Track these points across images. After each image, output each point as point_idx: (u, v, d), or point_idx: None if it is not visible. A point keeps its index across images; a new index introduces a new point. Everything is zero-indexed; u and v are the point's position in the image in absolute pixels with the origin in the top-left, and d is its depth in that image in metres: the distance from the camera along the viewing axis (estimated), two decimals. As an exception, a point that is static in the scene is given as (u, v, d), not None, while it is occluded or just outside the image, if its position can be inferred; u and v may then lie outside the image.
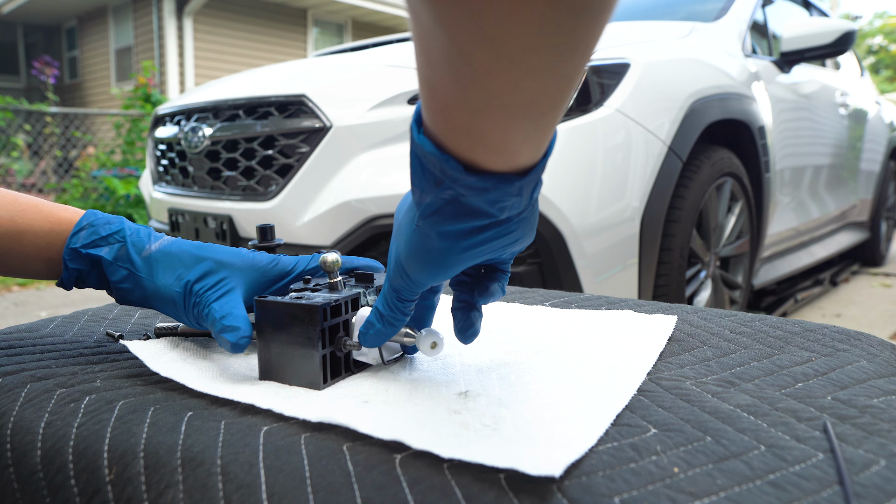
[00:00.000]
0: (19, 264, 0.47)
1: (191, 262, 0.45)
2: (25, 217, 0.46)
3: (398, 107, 1.44)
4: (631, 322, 0.56)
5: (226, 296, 0.44)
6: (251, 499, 0.30)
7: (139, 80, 5.55)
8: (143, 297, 0.46)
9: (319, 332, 0.39)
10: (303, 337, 0.40)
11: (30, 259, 0.47)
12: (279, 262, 0.48)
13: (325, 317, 0.40)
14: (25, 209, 0.47)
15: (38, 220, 0.47)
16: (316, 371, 0.40)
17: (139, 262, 0.46)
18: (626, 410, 0.37)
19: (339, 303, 0.41)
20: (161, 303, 0.46)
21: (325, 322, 0.40)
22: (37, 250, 0.47)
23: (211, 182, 1.68)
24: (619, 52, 1.45)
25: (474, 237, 0.32)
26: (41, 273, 0.48)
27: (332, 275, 0.44)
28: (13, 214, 0.46)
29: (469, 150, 0.29)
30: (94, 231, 0.46)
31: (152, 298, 0.46)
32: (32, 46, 10.96)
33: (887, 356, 0.49)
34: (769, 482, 0.30)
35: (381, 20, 9.65)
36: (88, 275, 0.47)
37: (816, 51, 2.14)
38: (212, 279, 0.45)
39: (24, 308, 2.70)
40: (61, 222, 0.47)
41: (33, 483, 0.36)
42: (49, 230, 0.47)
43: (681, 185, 1.52)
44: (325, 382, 0.40)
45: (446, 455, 0.30)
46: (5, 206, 0.46)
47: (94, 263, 0.47)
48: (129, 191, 4.80)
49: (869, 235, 3.42)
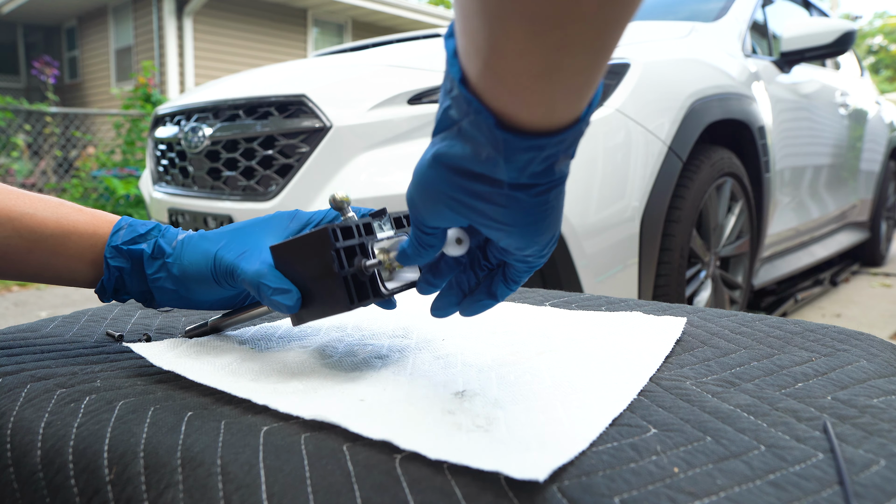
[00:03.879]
0: (63, 267, 0.48)
1: (214, 238, 0.47)
2: (71, 219, 0.48)
3: (398, 107, 1.44)
4: (639, 324, 0.55)
5: (249, 252, 0.45)
6: (251, 499, 0.30)
7: (139, 80, 5.56)
8: (176, 285, 0.47)
9: (333, 252, 0.39)
10: (321, 265, 0.40)
11: (74, 260, 0.48)
12: (296, 216, 0.49)
13: (336, 237, 0.40)
14: (70, 212, 0.48)
15: (82, 222, 0.48)
16: (341, 293, 0.40)
17: (169, 251, 0.47)
18: (626, 410, 0.37)
19: (350, 225, 0.41)
20: (194, 283, 0.47)
21: (338, 243, 0.40)
22: (81, 251, 0.48)
23: (211, 182, 1.68)
24: (619, 52, 1.45)
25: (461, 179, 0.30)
26: (83, 275, 0.49)
27: (344, 211, 0.44)
28: (59, 217, 0.48)
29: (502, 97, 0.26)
30: (133, 229, 0.49)
31: (184, 281, 0.47)
32: (32, 46, 10.96)
33: (887, 356, 0.49)
34: (769, 482, 0.30)
35: (381, 20, 9.65)
36: (129, 275, 0.48)
37: (816, 51, 2.14)
38: (235, 245, 0.46)
39: (24, 308, 2.70)
40: (104, 224, 0.49)
41: (33, 483, 0.36)
42: (93, 232, 0.48)
43: (681, 185, 1.52)
44: (352, 303, 0.40)
45: (433, 456, 0.30)
46: (51, 208, 0.48)
47: (135, 261, 0.48)
48: (128, 191, 4.80)
49: (869, 235, 3.42)
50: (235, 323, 0.52)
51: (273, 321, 0.59)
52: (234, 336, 0.52)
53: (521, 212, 0.30)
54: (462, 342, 0.50)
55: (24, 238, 0.47)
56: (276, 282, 0.42)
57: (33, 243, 0.47)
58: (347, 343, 0.50)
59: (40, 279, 0.49)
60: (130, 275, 0.48)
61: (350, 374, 0.43)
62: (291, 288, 0.42)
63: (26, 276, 0.49)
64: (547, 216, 0.31)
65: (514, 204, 0.30)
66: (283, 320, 0.58)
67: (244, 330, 0.55)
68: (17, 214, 0.46)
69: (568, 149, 0.28)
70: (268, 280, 0.42)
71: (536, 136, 0.27)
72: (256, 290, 0.43)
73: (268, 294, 0.42)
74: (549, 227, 0.32)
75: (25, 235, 0.47)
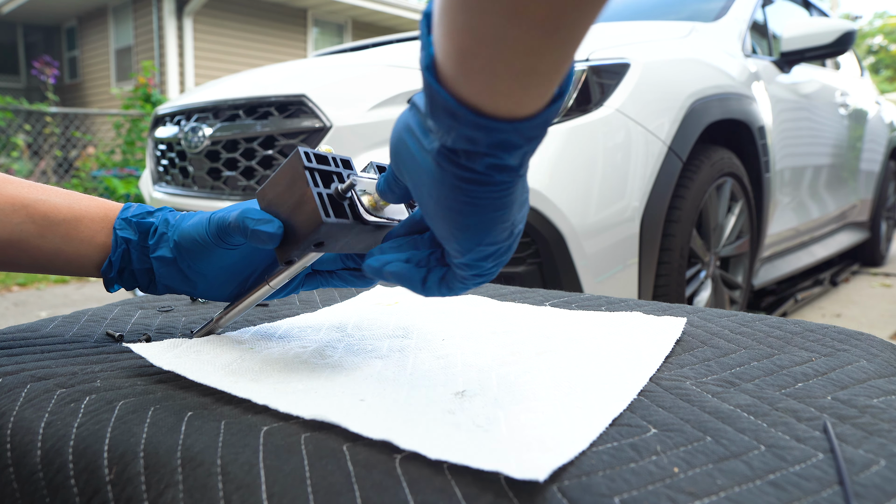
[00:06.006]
0: (74, 252, 0.49)
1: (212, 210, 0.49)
2: (82, 204, 0.50)
3: (398, 107, 1.44)
4: (639, 324, 0.55)
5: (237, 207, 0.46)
6: (251, 499, 0.30)
7: (139, 80, 5.56)
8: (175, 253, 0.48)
9: (306, 170, 0.40)
10: (297, 188, 0.40)
11: (85, 244, 0.49)
12: None
13: (308, 159, 0.40)
14: (81, 198, 0.50)
15: (93, 207, 0.50)
16: (315, 208, 0.39)
17: (172, 221, 0.49)
18: (626, 410, 0.37)
19: (324, 155, 0.42)
20: (192, 247, 0.47)
21: (310, 163, 0.40)
22: (92, 234, 0.49)
23: (211, 182, 1.68)
24: (619, 52, 1.45)
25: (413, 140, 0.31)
26: (93, 259, 0.50)
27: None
28: (71, 202, 0.49)
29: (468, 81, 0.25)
30: (142, 207, 0.51)
31: (183, 247, 0.48)
32: (32, 46, 10.96)
33: (887, 356, 0.49)
34: (769, 482, 0.30)
35: (381, 20, 9.65)
36: (135, 248, 0.49)
37: (816, 51, 2.14)
38: (230, 208, 0.47)
39: (24, 308, 2.70)
40: (114, 209, 0.51)
41: (33, 483, 0.36)
42: (104, 216, 0.50)
43: (681, 185, 1.52)
44: (328, 216, 0.39)
45: (433, 456, 0.30)
46: (63, 195, 0.50)
47: (142, 235, 0.50)
48: (128, 191, 4.81)
49: (869, 235, 3.42)
50: (239, 312, 0.51)
51: (273, 321, 0.59)
52: (234, 336, 0.52)
53: (442, 187, 0.29)
54: (462, 342, 0.50)
55: (38, 224, 0.48)
56: (258, 214, 0.43)
57: (46, 228, 0.48)
58: (347, 343, 0.50)
59: (51, 267, 0.50)
60: (137, 248, 0.50)
61: (350, 374, 0.43)
62: (273, 219, 0.42)
63: (38, 265, 0.49)
64: (471, 213, 0.30)
65: (435, 172, 0.29)
66: (282, 321, 0.58)
67: (244, 330, 0.55)
68: (31, 201, 0.48)
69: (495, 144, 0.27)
70: (251, 213, 0.43)
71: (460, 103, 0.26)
72: (242, 229, 0.43)
73: (251, 226, 0.42)
74: (473, 229, 0.30)
75: (38, 221, 0.48)
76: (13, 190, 0.48)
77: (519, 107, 0.26)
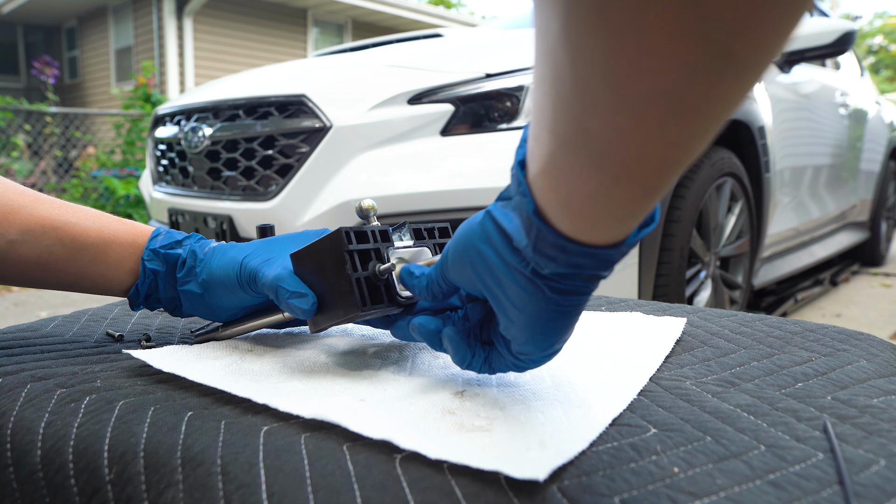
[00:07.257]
0: (100, 276, 0.49)
1: (244, 247, 0.48)
2: (111, 228, 0.49)
3: (398, 107, 1.44)
4: (639, 324, 0.55)
5: (272, 260, 0.46)
6: (251, 499, 0.30)
7: (139, 80, 5.55)
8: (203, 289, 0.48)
9: (346, 254, 0.40)
10: (336, 268, 0.40)
11: (112, 269, 0.49)
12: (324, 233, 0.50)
13: (349, 239, 0.40)
14: (110, 222, 0.50)
15: (122, 231, 0.50)
16: (353, 296, 0.40)
17: (201, 256, 0.49)
18: (626, 410, 0.37)
19: (365, 230, 0.41)
20: (219, 288, 0.47)
21: (351, 245, 0.40)
22: (120, 260, 0.49)
23: (211, 182, 1.68)
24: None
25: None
26: (119, 283, 0.50)
27: (369, 219, 0.44)
28: (100, 226, 0.49)
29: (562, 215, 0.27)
30: (170, 235, 0.50)
31: (211, 286, 0.47)
32: (32, 46, 10.96)
33: (887, 356, 0.49)
34: (769, 482, 0.30)
35: (381, 20, 9.65)
36: (163, 279, 0.49)
37: (816, 51, 2.14)
38: (262, 253, 0.47)
39: (24, 308, 2.70)
40: (142, 233, 0.50)
41: (33, 483, 0.36)
42: (132, 241, 0.50)
43: (681, 185, 1.52)
44: (364, 305, 0.40)
45: (433, 456, 0.30)
46: (92, 218, 0.49)
47: (170, 266, 0.49)
48: (128, 191, 4.80)
49: (869, 235, 3.42)
50: (246, 331, 0.51)
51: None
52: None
53: (533, 301, 0.31)
54: None
55: (67, 246, 0.48)
56: (294, 285, 0.42)
57: (75, 252, 0.48)
58: (347, 343, 0.50)
59: (77, 287, 0.50)
60: (164, 279, 0.49)
61: (350, 374, 0.43)
62: (308, 292, 0.42)
63: (64, 285, 0.49)
64: (555, 319, 0.31)
65: (529, 290, 0.30)
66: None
67: (244, 330, 0.54)
68: (61, 223, 0.48)
69: (598, 266, 0.29)
70: (286, 284, 0.42)
71: (568, 239, 0.27)
72: (275, 294, 0.43)
73: (285, 297, 0.42)
74: (553, 332, 0.32)
75: (68, 244, 0.48)
76: (44, 211, 0.47)
77: (622, 236, 0.28)
